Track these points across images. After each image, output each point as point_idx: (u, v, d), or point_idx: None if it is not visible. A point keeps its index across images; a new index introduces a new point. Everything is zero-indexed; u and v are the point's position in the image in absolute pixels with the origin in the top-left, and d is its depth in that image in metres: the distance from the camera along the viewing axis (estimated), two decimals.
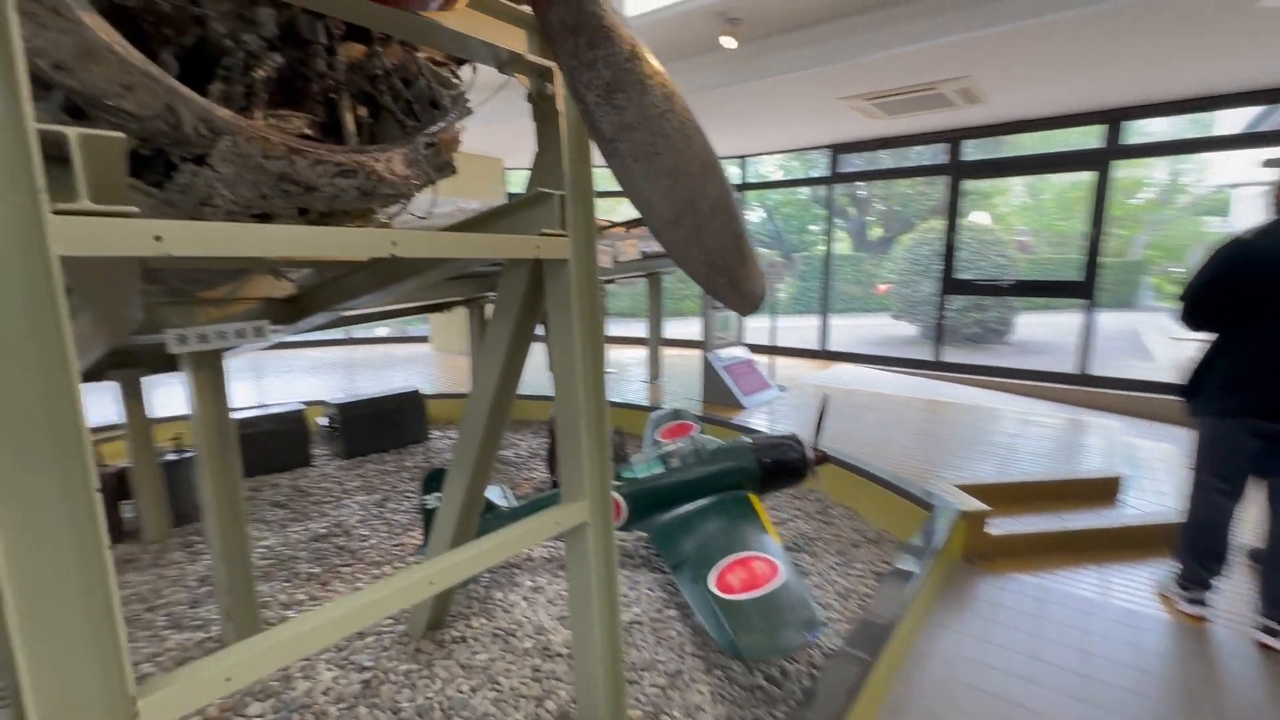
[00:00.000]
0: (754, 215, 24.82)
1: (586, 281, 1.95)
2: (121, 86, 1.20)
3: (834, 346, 10.08)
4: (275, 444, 5.14)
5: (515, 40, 1.76)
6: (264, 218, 1.63)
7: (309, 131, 1.68)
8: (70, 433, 0.97)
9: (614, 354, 10.07)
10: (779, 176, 22.37)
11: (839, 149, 9.24)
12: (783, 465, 3.59)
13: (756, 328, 8.84)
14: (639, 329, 9.78)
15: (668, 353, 10.50)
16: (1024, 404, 7.13)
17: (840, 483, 4.59)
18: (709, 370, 6.60)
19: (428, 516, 3.31)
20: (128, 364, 3.43)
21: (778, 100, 6.90)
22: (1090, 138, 7.38)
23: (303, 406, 5.39)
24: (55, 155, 0.98)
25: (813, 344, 10.19)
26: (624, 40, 1.48)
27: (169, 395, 5.74)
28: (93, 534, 0.99)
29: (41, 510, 0.95)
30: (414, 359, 10.07)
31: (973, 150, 8.50)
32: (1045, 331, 14.08)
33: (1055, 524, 3.97)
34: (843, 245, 24.11)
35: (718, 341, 6.95)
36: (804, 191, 21.20)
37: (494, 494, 3.84)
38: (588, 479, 1.99)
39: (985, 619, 3.16)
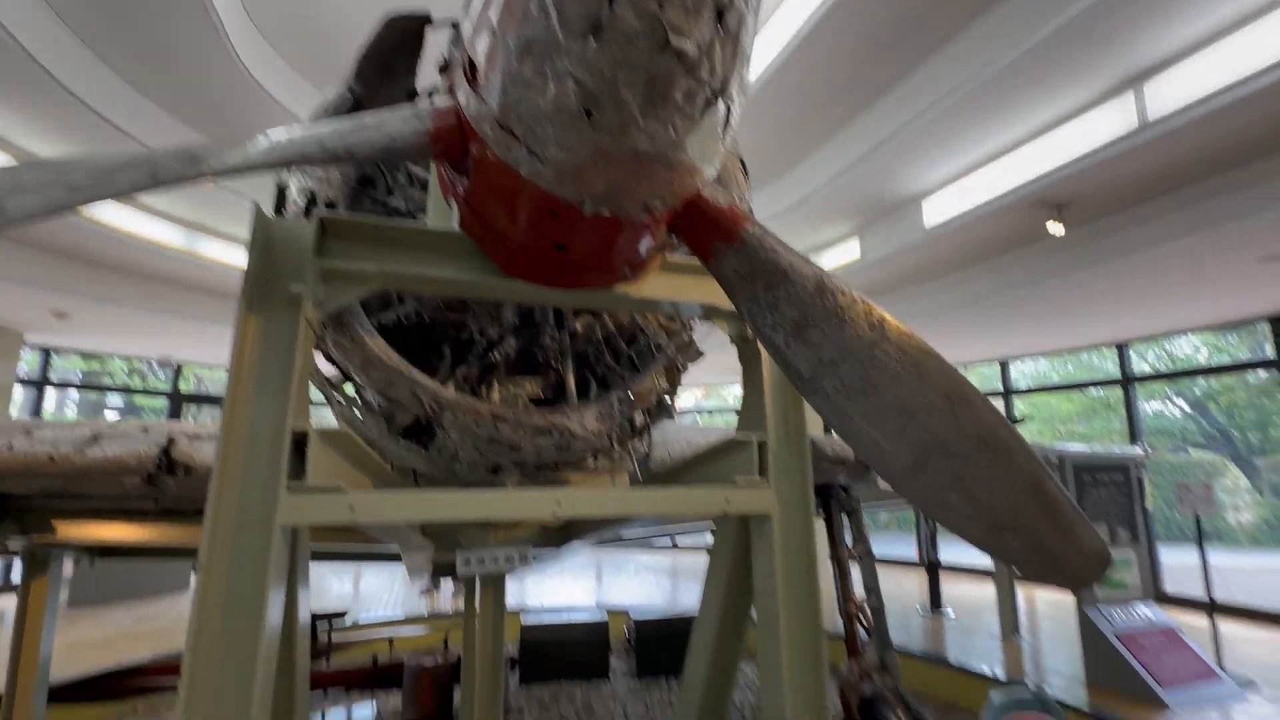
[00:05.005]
0: (1163, 408, 19.08)
1: (798, 541, 1.63)
2: (386, 381, 1.58)
3: None
4: (580, 652, 5.42)
5: (714, 287, 1.77)
6: (495, 470, 1.86)
7: (542, 394, 1.92)
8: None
9: (952, 590, 8.14)
10: (1202, 356, 17.13)
11: None
12: None
13: (1181, 567, 6.21)
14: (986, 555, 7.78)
15: (1039, 597, 8.00)
16: None
17: None
18: (1092, 636, 4.68)
19: None
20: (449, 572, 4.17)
21: (1163, 273, 5.47)
22: None
23: (606, 618, 5.66)
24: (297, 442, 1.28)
25: None
26: (806, 278, 1.35)
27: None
28: None
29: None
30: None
31: None
32: None
33: None
34: None
35: (1110, 593, 4.98)
36: (1262, 371, 15.60)
37: None
38: None
39: None
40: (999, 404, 9.95)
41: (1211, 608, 5.07)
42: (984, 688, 4.68)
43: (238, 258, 8.22)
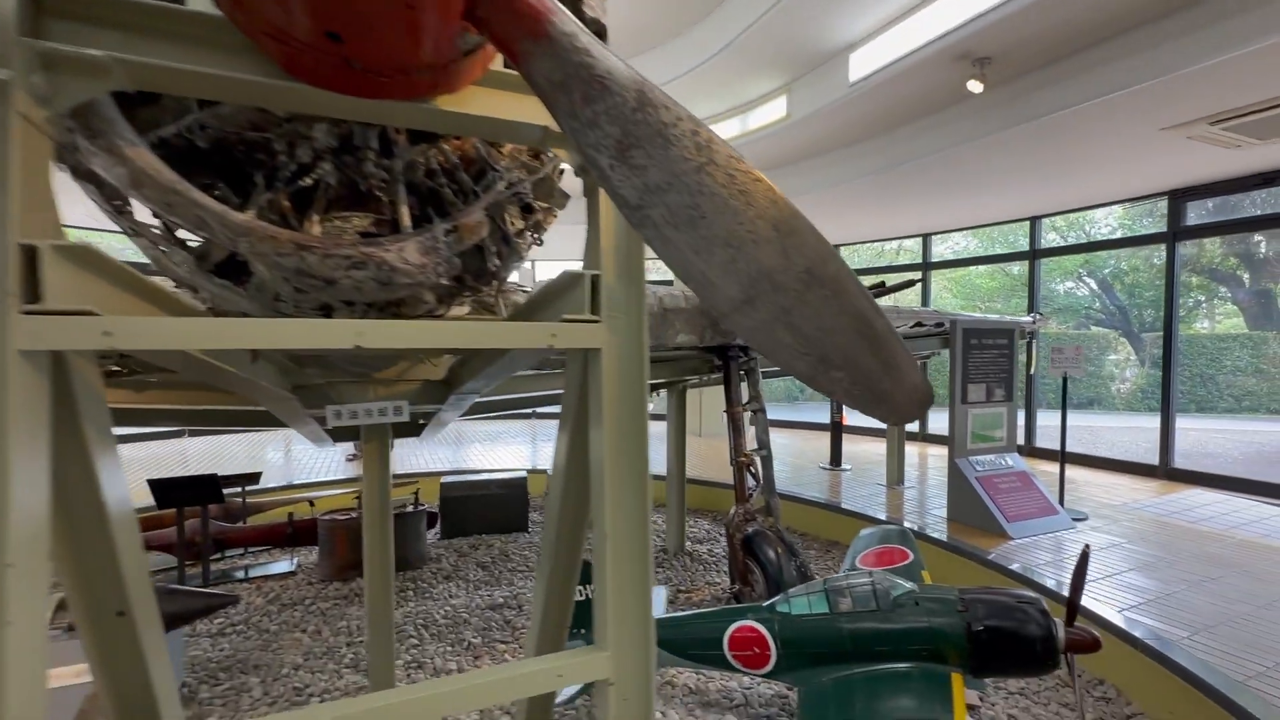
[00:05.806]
0: (1074, 287, 20.35)
1: (633, 374, 1.63)
2: (164, 203, 1.39)
3: (1191, 462, 7.21)
4: (499, 507, 5.68)
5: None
6: (327, 312, 1.74)
7: (373, 230, 1.76)
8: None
9: (854, 448, 8.86)
10: (1118, 235, 18.02)
11: (1181, 195, 6.91)
12: (1009, 640, 2.48)
13: (1057, 426, 6.83)
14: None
15: (931, 451, 8.85)
16: None
17: (1159, 686, 3.03)
18: (957, 480, 5.25)
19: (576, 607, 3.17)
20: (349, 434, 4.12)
21: (1074, 142, 5.49)
22: None
23: (526, 475, 5.89)
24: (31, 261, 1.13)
25: (1150, 456, 7.46)
26: (626, 88, 1.21)
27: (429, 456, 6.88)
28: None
29: None
30: (656, 437, 10.45)
31: None
32: None
33: None
34: (1232, 322, 18.01)
35: (978, 445, 5.52)
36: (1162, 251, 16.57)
37: (655, 597, 3.53)
38: (612, 625, 1.58)
39: None
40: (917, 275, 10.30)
41: (1063, 457, 5.74)
42: (863, 527, 5.22)
43: None
